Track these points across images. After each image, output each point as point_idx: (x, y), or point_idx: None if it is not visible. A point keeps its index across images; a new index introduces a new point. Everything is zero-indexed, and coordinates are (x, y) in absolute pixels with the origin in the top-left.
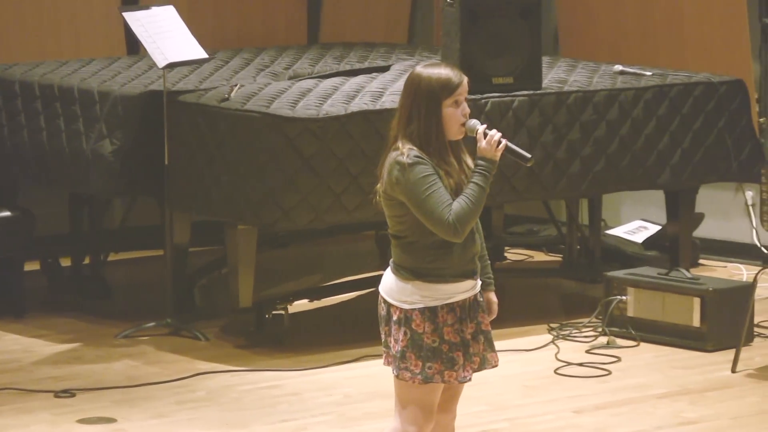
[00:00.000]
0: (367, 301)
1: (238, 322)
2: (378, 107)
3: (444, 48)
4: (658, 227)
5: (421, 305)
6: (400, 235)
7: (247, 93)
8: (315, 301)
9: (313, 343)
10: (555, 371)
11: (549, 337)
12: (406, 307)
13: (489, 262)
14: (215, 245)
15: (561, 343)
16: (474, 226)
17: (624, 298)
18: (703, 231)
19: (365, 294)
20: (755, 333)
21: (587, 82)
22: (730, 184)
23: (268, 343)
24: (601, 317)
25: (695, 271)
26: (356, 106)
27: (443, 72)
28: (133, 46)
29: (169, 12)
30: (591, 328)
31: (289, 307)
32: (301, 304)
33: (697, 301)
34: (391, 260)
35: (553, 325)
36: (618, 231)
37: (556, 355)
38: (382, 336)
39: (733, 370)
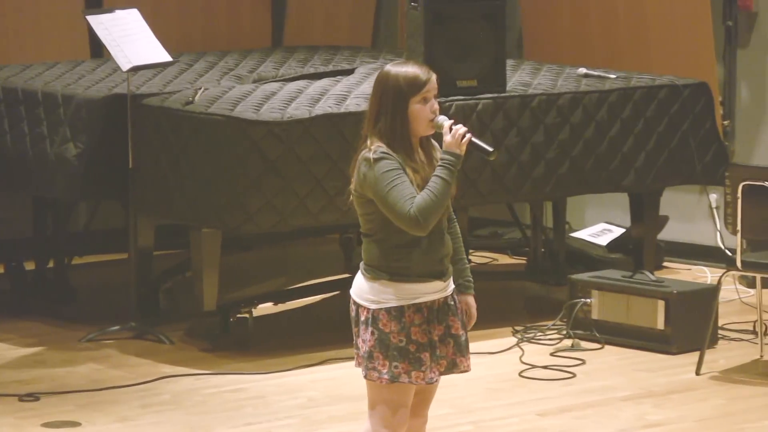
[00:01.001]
0: (332, 305)
1: (202, 325)
2: (342, 110)
3: (408, 51)
4: (623, 230)
5: (387, 305)
6: (369, 233)
7: (212, 96)
8: (279, 305)
9: (278, 346)
10: (519, 374)
11: (513, 340)
12: (373, 306)
13: (468, 265)
14: (180, 248)
15: (525, 346)
16: (444, 228)
17: (588, 300)
18: (667, 234)
19: (330, 297)
20: (719, 335)
21: (551, 84)
22: (694, 186)
23: (232, 346)
24: (565, 320)
25: (659, 274)
26: (321, 109)
27: (410, 70)
28: (97, 49)
29: (133, 15)
30: (555, 331)
31: (253, 310)
32: (265, 308)
33: (661, 303)
34: (361, 262)
35: (517, 327)
36: (582, 234)
37: (520, 357)
38: (354, 338)
39: (698, 373)
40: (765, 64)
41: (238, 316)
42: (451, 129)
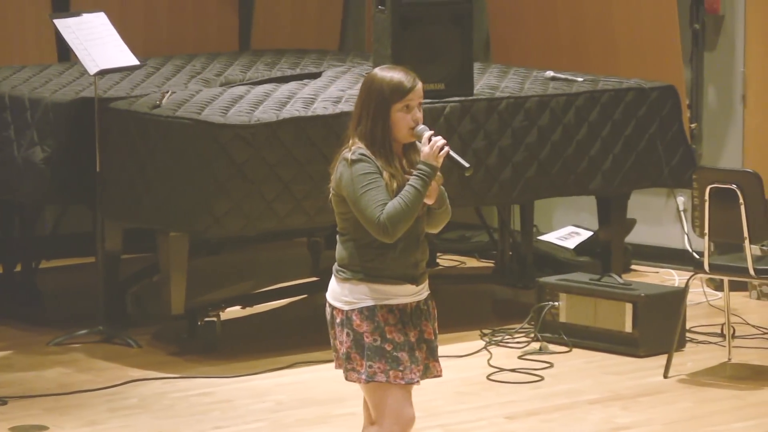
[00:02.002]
0: (300, 308)
1: (170, 329)
2: (310, 114)
3: (375, 54)
4: (590, 233)
5: (360, 305)
6: (344, 233)
7: (179, 100)
8: (247, 308)
9: (246, 349)
10: (487, 377)
11: (481, 343)
12: (346, 308)
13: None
14: (147, 252)
15: (493, 349)
16: (421, 233)
17: (556, 303)
18: (634, 236)
19: (297, 301)
20: (687, 338)
21: (519, 88)
22: (662, 189)
23: (200, 350)
24: (533, 323)
25: (627, 277)
26: (288, 112)
27: (396, 76)
28: (65, 53)
29: (101, 19)
30: (523, 334)
31: (221, 313)
32: (233, 311)
33: (629, 306)
34: (335, 264)
35: (485, 331)
36: (550, 237)
37: (488, 361)
38: (331, 340)
39: (665, 376)
40: (732, 67)
41: (206, 319)
42: (430, 140)
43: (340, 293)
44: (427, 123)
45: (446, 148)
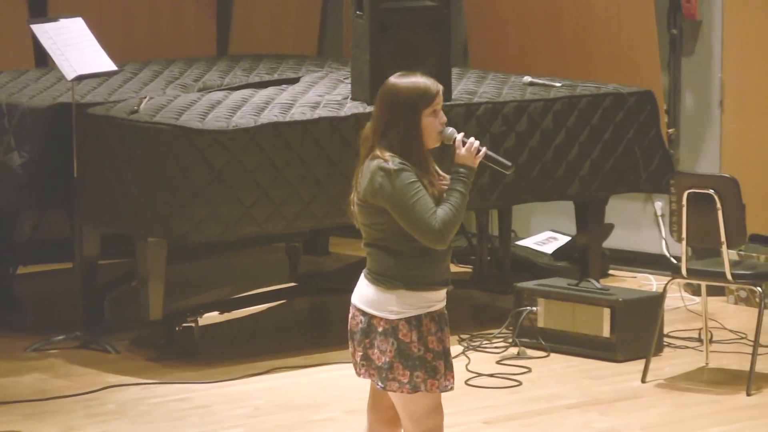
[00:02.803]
0: (278, 314)
1: (148, 334)
2: (288, 119)
3: (353, 59)
4: (568, 238)
5: (407, 314)
6: (378, 244)
7: (157, 105)
8: (225, 314)
9: (224, 355)
10: (465, 382)
11: (459, 348)
12: (393, 317)
13: None
14: (125, 258)
15: (471, 354)
16: None
17: (534, 308)
18: (612, 241)
19: (276, 306)
20: (665, 343)
21: (497, 93)
22: (640, 194)
23: (178, 355)
24: (511, 328)
25: (605, 282)
26: (266, 118)
27: (420, 81)
28: (42, 58)
29: (78, 24)
30: (501, 339)
31: (199, 319)
32: (211, 317)
33: (606, 311)
34: (366, 271)
35: (463, 336)
36: (528, 242)
37: (466, 366)
38: (360, 351)
39: (643, 381)
40: (709, 72)
41: (184, 325)
42: (464, 143)
43: (384, 303)
44: None
45: (483, 149)
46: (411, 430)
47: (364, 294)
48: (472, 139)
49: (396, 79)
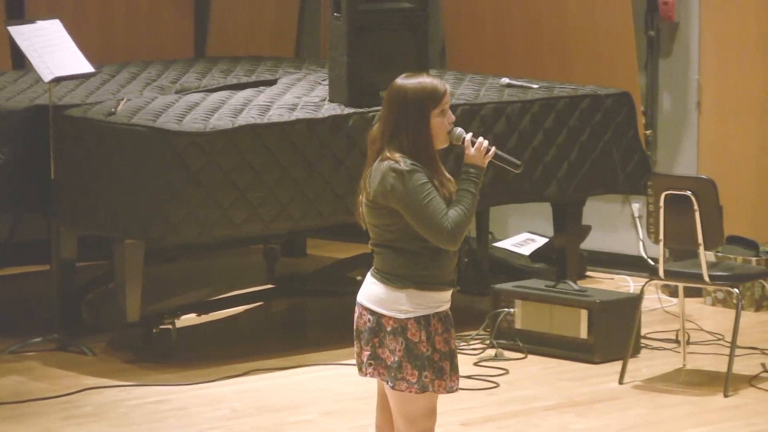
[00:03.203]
0: (256, 316)
1: (125, 336)
2: (265, 121)
3: (331, 61)
4: (546, 240)
5: (416, 314)
6: (389, 245)
7: (134, 107)
8: (203, 316)
9: (201, 357)
10: None
11: None
12: (402, 316)
13: None
14: (103, 260)
15: None
16: None
17: (511, 310)
18: (590, 243)
19: (253, 308)
20: (642, 345)
21: (474, 95)
22: (617, 196)
23: (155, 357)
24: (488, 330)
25: (582, 283)
26: (243, 119)
27: (428, 82)
28: (19, 60)
29: (55, 26)
30: (479, 341)
31: (176, 321)
32: (188, 319)
33: (584, 313)
34: (374, 270)
35: None
36: (505, 243)
37: None
38: (368, 350)
39: (621, 382)
40: (687, 73)
41: (161, 327)
42: (473, 142)
43: (393, 302)
44: None
45: (492, 149)
46: (405, 430)
47: (372, 293)
48: (481, 138)
49: (403, 80)
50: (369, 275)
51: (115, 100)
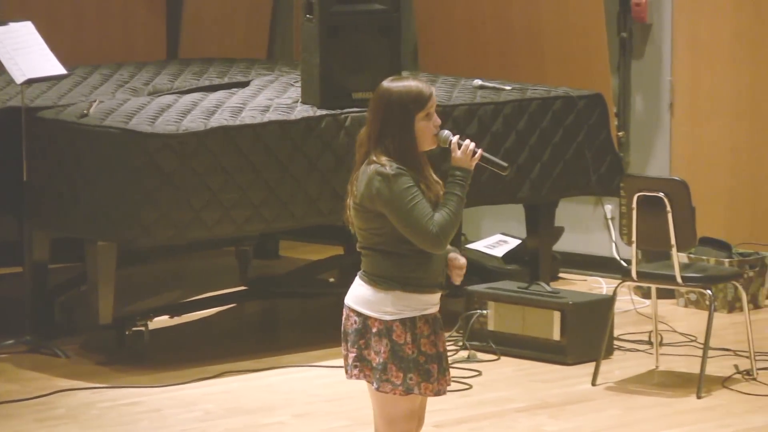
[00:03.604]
0: (228, 317)
1: (98, 338)
2: (238, 123)
3: (303, 63)
4: (518, 241)
5: (401, 316)
6: (376, 248)
7: (106, 109)
8: (175, 317)
9: (174, 359)
10: None
11: None
12: (387, 318)
13: None
14: (75, 262)
15: None
16: None
17: (484, 312)
18: (563, 245)
19: (226, 310)
20: (615, 346)
21: (447, 96)
22: (590, 197)
23: (128, 359)
24: (461, 331)
25: (555, 285)
26: (216, 121)
27: (413, 85)
28: None
29: (28, 28)
30: (452, 343)
31: (149, 323)
32: (161, 320)
33: (557, 314)
34: (361, 272)
35: None
36: (478, 245)
37: None
38: (354, 351)
39: (593, 384)
40: (659, 75)
41: (134, 329)
42: (459, 145)
43: (379, 303)
44: (355, 132)
45: (479, 151)
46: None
47: (359, 295)
48: (467, 141)
49: (388, 84)
50: (357, 277)
51: (88, 102)
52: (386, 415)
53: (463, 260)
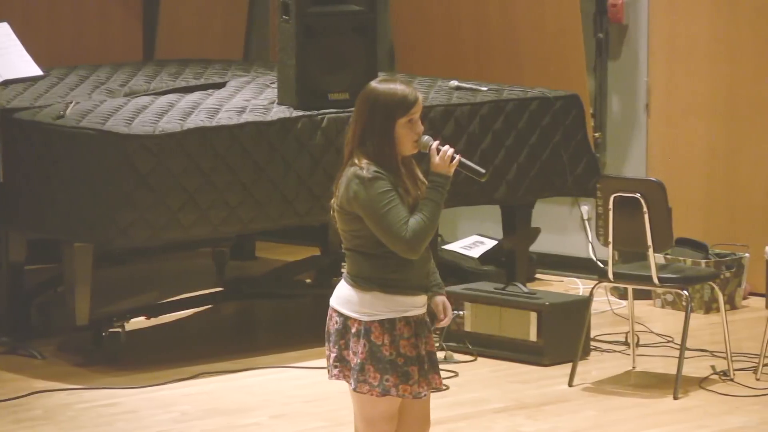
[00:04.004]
0: (205, 318)
1: (74, 340)
2: (214, 124)
3: (280, 64)
4: (495, 242)
5: (380, 317)
6: (357, 249)
7: (83, 110)
8: (152, 319)
9: (150, 360)
10: None
11: None
12: (366, 318)
13: (436, 269)
14: (52, 263)
15: None
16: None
17: (461, 312)
18: (539, 245)
19: (202, 311)
20: (591, 347)
21: (423, 97)
22: (567, 198)
23: (105, 360)
24: (438, 332)
25: (532, 286)
26: (192, 122)
27: (399, 89)
28: None
29: (3, 29)
30: None
31: (125, 324)
32: (138, 322)
33: (533, 315)
34: (345, 273)
35: None
36: (455, 246)
37: None
38: (335, 351)
39: (570, 384)
40: (636, 76)
41: (111, 330)
42: (438, 150)
43: (358, 304)
44: (332, 133)
45: (457, 157)
46: None
47: (341, 295)
48: (446, 146)
49: (376, 84)
50: (342, 278)
51: (64, 104)
52: (365, 416)
53: (448, 308)
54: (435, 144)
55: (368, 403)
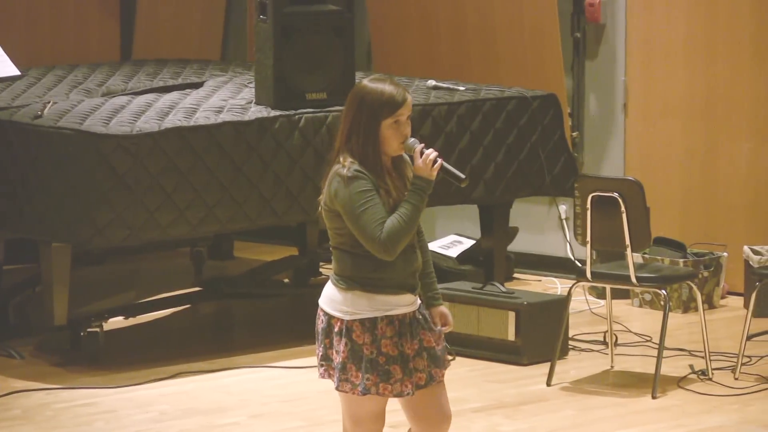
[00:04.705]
0: (183, 318)
1: (53, 339)
2: (192, 123)
3: (257, 64)
4: (473, 241)
5: (361, 316)
6: (340, 247)
7: (60, 110)
8: (130, 318)
9: (129, 360)
10: None
11: None
12: (347, 318)
13: (435, 278)
14: (29, 263)
15: None
16: (416, 243)
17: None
18: (517, 245)
19: (180, 311)
20: (570, 346)
21: None
22: (544, 198)
23: (83, 360)
24: None
25: (510, 285)
26: (170, 122)
27: (387, 89)
28: None
29: None
30: None
31: (104, 324)
32: (116, 321)
33: (511, 315)
34: (331, 273)
35: None
36: (432, 245)
37: None
38: (321, 350)
39: (548, 384)
40: (613, 75)
41: (89, 330)
42: (422, 153)
43: (340, 303)
44: (310, 133)
45: (439, 161)
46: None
47: (326, 294)
48: (429, 150)
49: (366, 83)
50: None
51: (42, 103)
52: (352, 415)
53: (449, 317)
54: (419, 147)
55: (354, 402)
